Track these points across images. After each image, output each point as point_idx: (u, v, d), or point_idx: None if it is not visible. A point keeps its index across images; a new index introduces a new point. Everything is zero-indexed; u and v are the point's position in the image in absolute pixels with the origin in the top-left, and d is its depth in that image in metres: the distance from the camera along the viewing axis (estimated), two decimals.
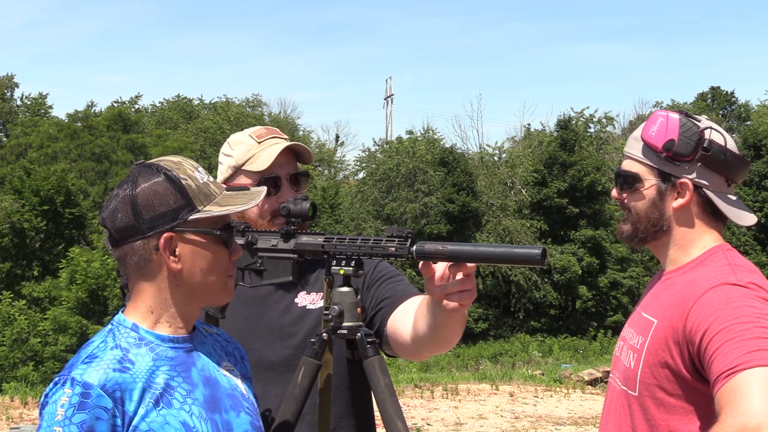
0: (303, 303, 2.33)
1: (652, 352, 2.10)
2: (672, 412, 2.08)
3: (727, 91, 44.69)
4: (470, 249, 1.87)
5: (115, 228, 1.76)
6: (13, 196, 28.99)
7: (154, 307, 1.78)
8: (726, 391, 1.83)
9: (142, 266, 1.76)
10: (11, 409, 11.87)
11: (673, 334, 2.05)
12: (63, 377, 1.67)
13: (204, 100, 46.83)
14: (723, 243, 2.21)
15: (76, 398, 1.63)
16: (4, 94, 44.83)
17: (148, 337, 1.76)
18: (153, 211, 1.74)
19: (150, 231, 1.74)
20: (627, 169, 2.25)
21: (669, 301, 2.12)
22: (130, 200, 1.75)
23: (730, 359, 1.86)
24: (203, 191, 1.78)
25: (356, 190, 34.48)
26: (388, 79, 55.33)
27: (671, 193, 2.20)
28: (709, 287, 2.03)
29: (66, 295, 24.75)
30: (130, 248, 1.76)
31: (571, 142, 32.71)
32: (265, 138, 2.38)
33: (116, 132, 36.32)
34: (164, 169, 1.77)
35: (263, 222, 2.33)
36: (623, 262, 32.41)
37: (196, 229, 1.76)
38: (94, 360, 1.69)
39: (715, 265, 2.12)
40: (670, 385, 2.08)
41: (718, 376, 1.86)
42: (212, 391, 1.80)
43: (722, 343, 1.89)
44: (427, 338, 2.10)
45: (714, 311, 1.97)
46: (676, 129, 2.17)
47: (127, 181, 1.78)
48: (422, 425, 10.97)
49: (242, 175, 2.37)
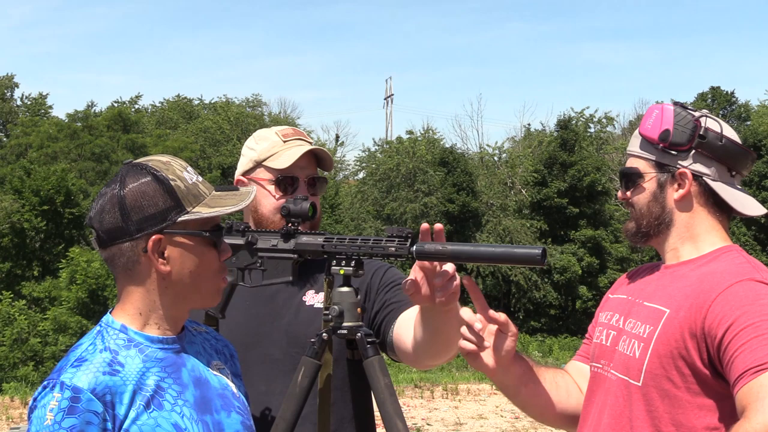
0: (311, 302, 2.33)
1: (664, 342, 2.05)
2: (677, 405, 2.04)
3: (727, 91, 44.65)
4: (470, 249, 1.87)
5: (102, 229, 1.74)
6: (13, 196, 28.96)
7: (143, 308, 1.76)
8: (753, 387, 1.80)
9: (130, 268, 1.75)
10: (11, 409, 11.87)
11: (691, 326, 2.01)
12: (52, 381, 1.65)
13: (204, 100, 46.78)
14: (732, 243, 2.18)
15: (65, 402, 1.61)
16: (4, 94, 44.80)
17: (137, 338, 1.74)
18: (141, 212, 1.72)
19: (138, 233, 1.72)
20: (629, 166, 2.25)
21: (684, 291, 2.08)
22: (118, 201, 1.73)
23: (758, 356, 1.83)
24: (192, 192, 1.77)
25: (356, 190, 34.45)
26: (388, 79, 55.28)
27: (671, 185, 2.18)
28: (734, 281, 2.00)
29: (66, 295, 24.74)
30: (118, 250, 1.74)
31: (571, 142, 32.68)
32: (291, 138, 2.40)
33: (116, 132, 36.29)
34: (152, 170, 1.75)
35: (275, 219, 2.33)
36: (623, 262, 32.36)
37: (185, 231, 1.75)
38: (84, 363, 1.67)
39: (733, 261, 2.10)
40: (679, 377, 2.03)
41: (744, 371, 1.83)
42: (202, 392, 1.78)
43: (749, 339, 1.87)
44: (427, 344, 2.11)
45: (741, 305, 1.93)
46: (671, 119, 2.16)
47: (114, 181, 1.76)
48: (422, 425, 10.96)
49: (262, 169, 2.38)
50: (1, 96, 44.49)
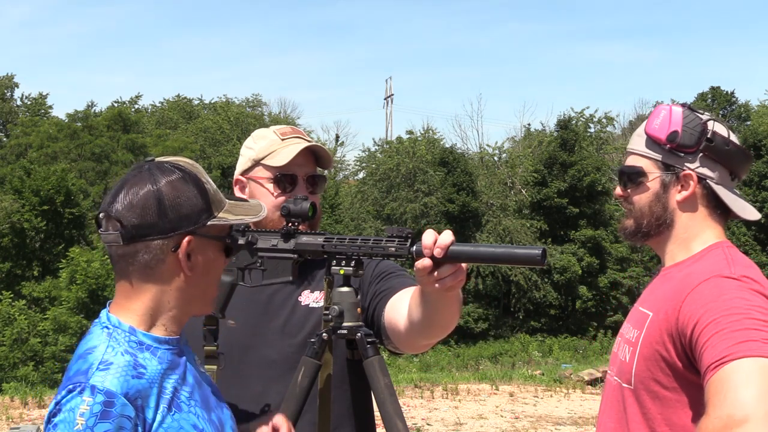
0: (306, 301, 2.33)
1: (647, 344, 2.10)
2: (667, 405, 2.08)
3: (727, 91, 44.65)
4: (471, 249, 1.87)
5: (132, 224, 1.65)
6: (13, 196, 28.97)
7: (154, 308, 1.71)
8: (714, 383, 1.84)
9: (152, 266, 1.68)
10: (11, 409, 11.87)
11: (668, 326, 2.05)
12: (79, 384, 1.58)
13: (204, 100, 46.81)
14: (724, 240, 2.20)
15: (98, 407, 1.55)
16: (4, 94, 44.81)
17: (146, 340, 1.69)
18: (179, 210, 1.67)
19: (172, 231, 1.66)
20: (631, 165, 2.26)
21: (665, 294, 2.12)
22: (155, 196, 1.66)
23: (718, 350, 1.86)
24: (217, 197, 1.74)
25: (356, 190, 34.48)
26: (388, 79, 55.37)
27: (675, 186, 2.20)
28: (702, 280, 2.03)
29: (66, 295, 24.74)
30: (144, 246, 1.67)
31: (571, 142, 32.69)
32: (289, 136, 2.41)
33: (116, 132, 36.29)
34: (186, 169, 1.71)
35: (274, 218, 2.34)
36: (623, 262, 32.39)
37: (211, 235, 1.72)
38: (111, 366, 1.61)
39: (712, 259, 2.13)
40: (665, 377, 2.07)
41: (707, 367, 1.87)
42: (203, 390, 1.77)
43: (712, 335, 1.90)
44: (424, 324, 2.10)
45: (705, 303, 1.97)
46: (680, 120, 2.17)
47: (143, 175, 1.69)
48: (422, 425, 10.97)
49: (261, 168, 2.38)
50: (1, 96, 44.51)
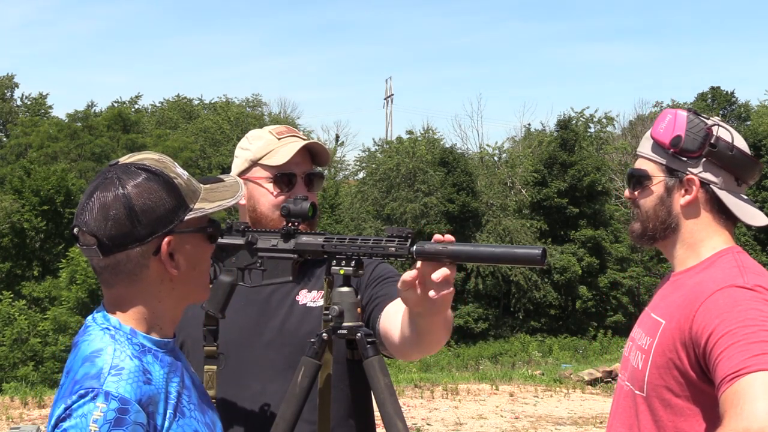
0: (304, 301, 2.33)
1: (660, 352, 2.10)
2: (679, 414, 2.08)
3: (727, 91, 44.64)
4: (470, 249, 1.87)
5: (107, 236, 1.60)
6: (13, 196, 28.98)
7: (147, 313, 1.67)
8: (729, 395, 1.83)
9: (137, 273, 1.63)
10: (11, 409, 11.86)
11: (681, 335, 2.05)
12: (92, 390, 1.53)
13: (204, 100, 46.81)
14: (733, 245, 2.20)
15: (112, 414, 1.51)
16: (4, 94, 44.82)
17: (147, 344, 1.66)
18: (151, 214, 1.61)
19: (149, 236, 1.61)
20: (638, 167, 2.28)
21: (677, 302, 2.12)
22: (124, 204, 1.60)
23: (734, 363, 1.85)
24: (190, 188, 1.68)
25: (356, 190, 34.48)
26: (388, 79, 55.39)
27: (678, 190, 2.20)
28: (715, 289, 2.03)
29: (66, 295, 24.75)
30: (125, 256, 1.61)
31: (571, 142, 32.68)
32: (285, 135, 2.41)
33: (116, 132, 36.31)
34: (151, 168, 1.64)
35: (274, 217, 2.33)
36: (623, 262, 32.39)
37: (191, 229, 1.67)
38: (122, 372, 1.56)
39: (723, 267, 2.12)
40: (677, 386, 2.07)
41: (723, 379, 1.86)
42: (198, 393, 1.75)
43: (727, 347, 1.89)
44: (414, 341, 2.11)
45: (720, 314, 1.96)
46: (684, 125, 2.18)
47: (108, 182, 1.62)
48: (422, 425, 10.97)
49: (259, 168, 2.38)
50: (1, 96, 44.51)
